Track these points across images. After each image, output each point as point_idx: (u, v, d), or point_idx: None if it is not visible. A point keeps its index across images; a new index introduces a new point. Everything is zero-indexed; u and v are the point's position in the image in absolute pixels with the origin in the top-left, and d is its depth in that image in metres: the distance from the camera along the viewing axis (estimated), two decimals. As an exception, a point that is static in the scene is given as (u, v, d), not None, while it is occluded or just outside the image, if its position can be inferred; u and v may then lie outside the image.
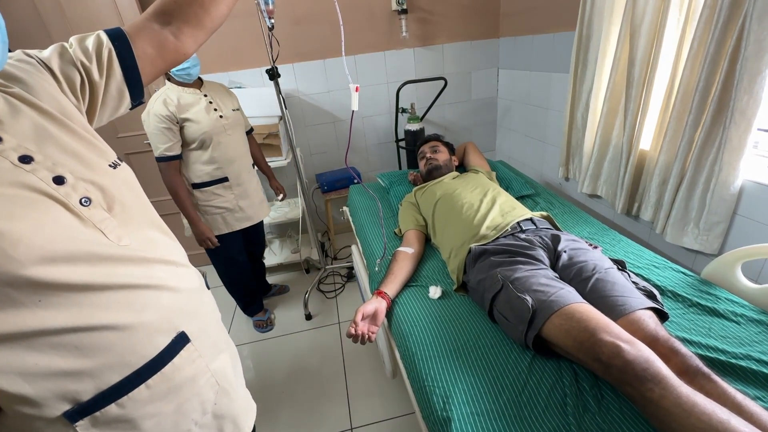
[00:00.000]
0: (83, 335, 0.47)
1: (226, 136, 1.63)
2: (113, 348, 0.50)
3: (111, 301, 0.50)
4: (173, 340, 0.56)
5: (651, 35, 1.41)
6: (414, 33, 2.46)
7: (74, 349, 0.47)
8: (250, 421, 0.74)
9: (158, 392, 0.55)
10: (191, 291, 0.63)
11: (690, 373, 0.79)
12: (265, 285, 2.30)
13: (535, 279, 1.03)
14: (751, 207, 1.24)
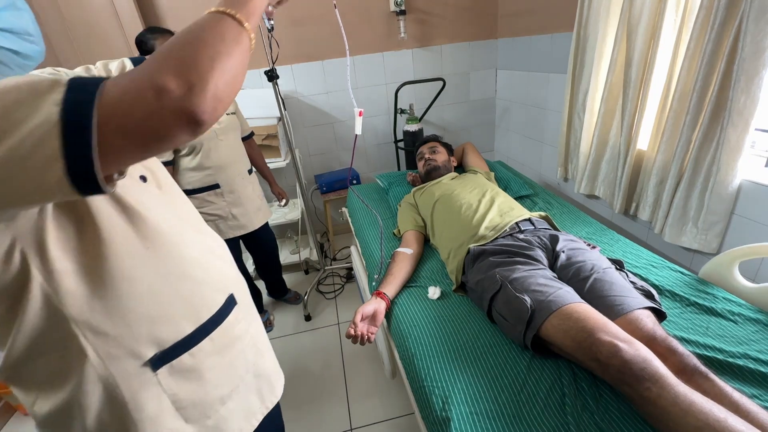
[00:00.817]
0: (173, 282, 0.57)
1: (217, 141, 1.60)
2: (190, 298, 0.59)
3: (191, 256, 0.61)
4: (227, 299, 0.66)
5: (648, 36, 1.42)
6: (412, 34, 2.46)
7: (162, 297, 0.56)
8: (280, 385, 0.81)
9: (217, 346, 0.63)
10: (231, 262, 0.73)
11: (687, 372, 0.79)
12: (282, 287, 2.23)
13: (534, 279, 1.04)
14: (748, 206, 1.25)
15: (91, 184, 0.38)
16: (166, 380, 0.57)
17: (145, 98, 0.36)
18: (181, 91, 0.37)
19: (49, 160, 0.35)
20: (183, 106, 0.37)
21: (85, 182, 0.37)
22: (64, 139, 0.35)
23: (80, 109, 0.35)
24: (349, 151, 2.74)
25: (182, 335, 0.59)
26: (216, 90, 0.38)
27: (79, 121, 0.35)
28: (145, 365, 0.55)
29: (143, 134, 0.38)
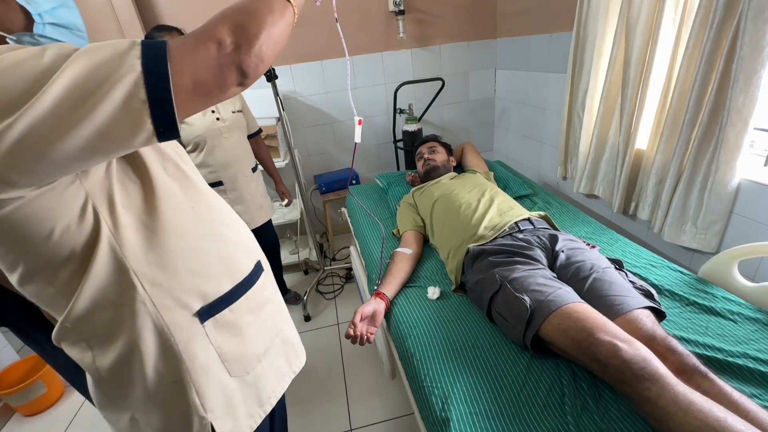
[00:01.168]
0: (213, 241, 0.63)
1: (222, 139, 1.61)
2: (227, 258, 0.65)
3: (225, 220, 0.67)
4: (256, 264, 0.71)
5: (646, 35, 1.42)
6: (411, 34, 2.46)
7: (204, 254, 0.61)
8: (303, 353, 0.85)
9: (252, 306, 0.68)
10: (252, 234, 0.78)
11: (687, 372, 0.79)
12: (282, 287, 2.23)
13: (533, 279, 1.03)
14: (747, 205, 1.25)
15: (169, 129, 0.44)
16: (212, 333, 0.62)
17: (208, 50, 0.44)
18: (232, 48, 0.44)
19: (139, 106, 0.41)
20: (234, 60, 0.45)
21: (165, 126, 0.43)
22: (147, 87, 0.41)
23: (158, 61, 0.42)
24: (348, 152, 2.74)
25: (222, 291, 0.64)
26: (259, 51, 0.46)
27: (158, 71, 0.41)
28: (194, 316, 0.60)
29: (206, 82, 0.45)
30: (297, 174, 2.02)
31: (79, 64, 0.39)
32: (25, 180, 0.42)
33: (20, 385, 1.63)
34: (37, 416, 1.73)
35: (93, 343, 0.56)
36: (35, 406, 1.71)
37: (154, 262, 0.55)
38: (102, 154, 0.44)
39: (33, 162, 0.40)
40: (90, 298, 0.52)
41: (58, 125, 0.39)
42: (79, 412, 1.73)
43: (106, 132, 0.41)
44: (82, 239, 0.50)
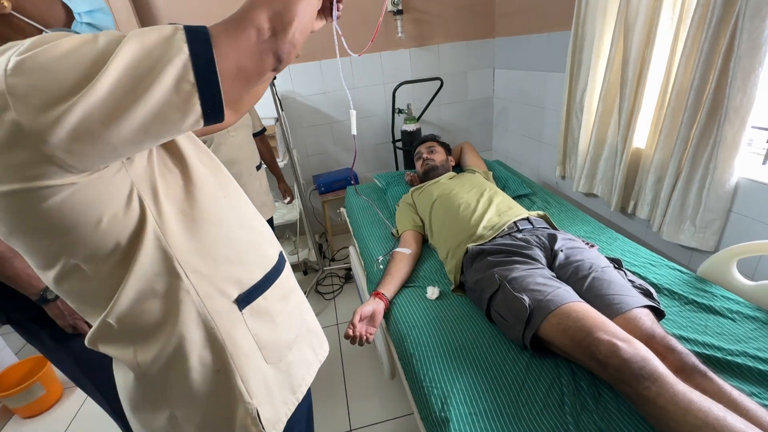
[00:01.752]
0: (244, 230, 0.64)
1: (228, 137, 1.62)
2: (256, 247, 0.66)
3: (250, 211, 0.68)
4: (279, 254, 0.72)
5: (644, 34, 1.42)
6: (410, 33, 2.46)
7: (238, 243, 0.62)
8: (326, 344, 0.85)
9: (281, 293, 0.70)
10: None
11: (686, 371, 0.79)
12: None
13: (532, 278, 1.03)
14: (746, 204, 1.25)
15: (216, 111, 0.45)
16: (250, 320, 0.63)
17: (249, 36, 0.45)
18: (269, 34, 0.46)
19: (189, 88, 0.42)
20: (271, 46, 0.46)
21: (212, 108, 0.44)
22: (195, 69, 0.42)
23: (203, 45, 0.42)
24: (346, 151, 2.73)
25: (256, 279, 0.65)
26: (293, 38, 0.48)
27: (204, 55, 0.42)
28: (233, 304, 0.61)
29: (247, 67, 0.46)
30: (296, 174, 2.02)
31: (130, 48, 0.40)
32: (81, 165, 0.42)
33: (19, 387, 1.62)
34: (35, 418, 1.73)
35: (136, 338, 0.56)
36: (34, 408, 1.71)
37: (194, 250, 0.56)
38: (153, 138, 0.45)
39: (89, 146, 0.40)
40: (136, 289, 0.52)
41: (115, 108, 0.39)
42: (77, 414, 1.72)
43: (158, 114, 0.42)
44: (128, 228, 0.50)
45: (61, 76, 0.38)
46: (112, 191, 0.48)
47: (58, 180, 0.42)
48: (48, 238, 0.47)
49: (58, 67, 0.38)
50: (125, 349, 0.56)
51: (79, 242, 0.47)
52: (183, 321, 0.56)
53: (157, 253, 0.52)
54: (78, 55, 0.39)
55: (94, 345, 0.57)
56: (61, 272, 0.50)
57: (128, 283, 0.51)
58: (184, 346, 0.57)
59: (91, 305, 0.54)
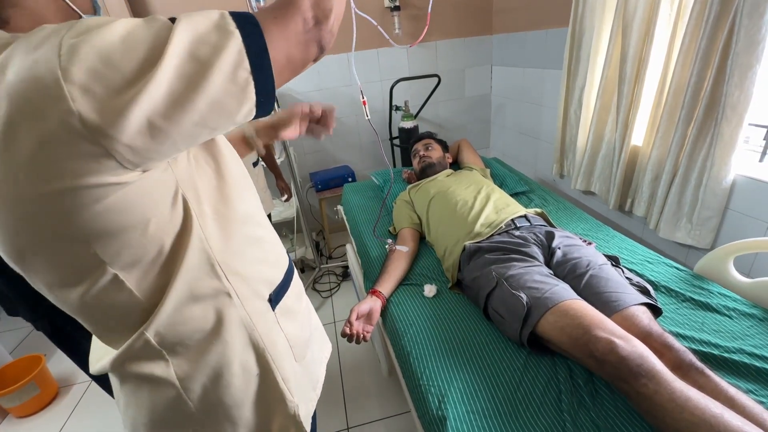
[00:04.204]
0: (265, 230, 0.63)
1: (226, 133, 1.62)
2: (274, 248, 0.65)
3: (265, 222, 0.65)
4: (290, 260, 0.72)
5: (642, 31, 1.41)
6: (407, 30, 2.44)
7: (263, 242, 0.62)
8: (328, 342, 0.85)
9: (296, 291, 0.70)
10: None
11: (683, 368, 0.79)
12: None
13: (530, 276, 1.03)
14: (742, 201, 1.25)
15: (267, 101, 0.44)
16: (281, 319, 0.63)
17: (297, 25, 0.44)
18: (313, 23, 0.45)
19: (246, 76, 0.40)
20: (315, 36, 0.46)
21: (264, 97, 0.43)
22: (249, 56, 0.40)
23: (254, 31, 0.41)
24: (344, 150, 2.72)
25: (280, 278, 0.64)
26: (332, 27, 0.48)
27: (257, 41, 0.41)
28: (267, 303, 0.60)
29: (294, 56, 0.45)
30: (292, 171, 2.01)
31: (184, 33, 0.37)
32: (140, 160, 0.39)
33: (13, 387, 1.61)
34: (30, 417, 1.71)
35: (178, 350, 0.52)
36: (28, 407, 1.70)
37: (230, 251, 0.54)
38: (209, 130, 0.42)
39: (151, 140, 0.37)
40: (180, 296, 0.49)
41: (177, 98, 0.37)
42: (72, 413, 1.71)
43: (217, 103, 0.39)
44: (174, 230, 0.47)
45: (121, 64, 0.35)
46: (161, 191, 0.45)
47: (114, 177, 0.38)
48: (91, 244, 0.42)
49: (117, 52, 0.35)
50: (161, 365, 0.52)
51: (125, 247, 0.44)
52: (226, 326, 0.53)
53: (201, 256, 0.50)
54: (134, 41, 0.36)
55: (119, 367, 0.51)
56: (93, 287, 0.45)
57: (173, 290, 0.48)
58: (227, 352, 0.54)
59: (121, 323, 0.49)
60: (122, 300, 0.47)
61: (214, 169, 0.53)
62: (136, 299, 0.47)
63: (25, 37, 0.36)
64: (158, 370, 0.52)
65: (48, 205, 0.38)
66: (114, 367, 0.52)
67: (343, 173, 2.49)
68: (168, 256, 0.47)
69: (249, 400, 0.59)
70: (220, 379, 0.55)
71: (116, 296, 0.46)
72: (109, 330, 0.51)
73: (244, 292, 0.55)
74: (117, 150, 0.36)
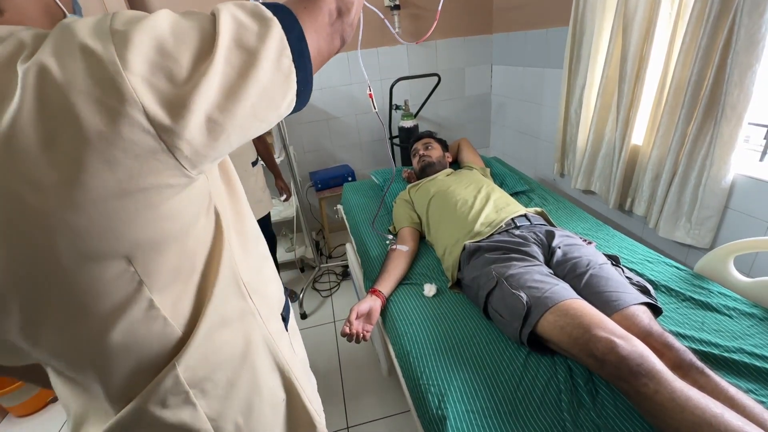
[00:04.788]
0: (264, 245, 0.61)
1: None
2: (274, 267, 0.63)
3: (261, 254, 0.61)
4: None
5: (643, 30, 1.41)
6: (407, 29, 2.44)
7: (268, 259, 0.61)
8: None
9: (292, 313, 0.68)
10: None
11: (684, 368, 0.79)
12: None
13: (530, 275, 1.03)
14: (742, 201, 1.25)
15: (306, 90, 0.43)
16: (293, 339, 0.62)
17: (324, 16, 0.44)
18: (336, 15, 0.45)
19: (288, 63, 0.39)
20: (338, 28, 0.46)
21: (304, 86, 0.42)
22: (290, 43, 0.39)
23: (290, 18, 0.40)
24: (344, 149, 2.72)
25: (284, 297, 0.64)
26: (353, 20, 0.48)
27: (294, 28, 0.40)
28: (282, 323, 0.59)
29: (323, 47, 0.45)
30: (292, 171, 2.00)
31: (228, 23, 0.36)
32: (197, 158, 0.36)
33: (13, 386, 1.61)
34: (30, 417, 1.71)
35: (206, 389, 0.45)
36: (28, 406, 1.70)
37: (250, 268, 0.51)
38: (258, 123, 0.40)
39: (208, 135, 0.35)
40: (212, 321, 0.44)
41: (230, 89, 0.35)
42: (73, 413, 1.71)
43: (265, 92, 0.38)
44: (207, 245, 0.43)
45: (177, 54, 0.33)
46: (200, 200, 0.41)
47: (172, 179, 0.35)
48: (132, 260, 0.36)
49: (170, 43, 0.33)
50: (189, 410, 0.45)
51: (165, 263, 0.39)
52: (253, 349, 0.50)
53: (231, 274, 0.46)
54: (183, 32, 0.34)
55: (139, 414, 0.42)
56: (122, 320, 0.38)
57: (206, 314, 0.43)
58: (256, 379, 0.51)
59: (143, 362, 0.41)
60: (151, 332, 0.40)
61: (225, 183, 0.51)
62: (166, 328, 0.41)
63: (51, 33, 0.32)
64: (186, 416, 0.45)
65: (96, 212, 0.32)
66: (133, 415, 0.42)
67: (343, 172, 2.49)
68: (202, 274, 0.44)
69: (279, 427, 0.56)
70: (251, 410, 0.51)
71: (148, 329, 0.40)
72: (123, 377, 0.42)
73: (265, 311, 0.53)
74: (178, 146, 0.33)
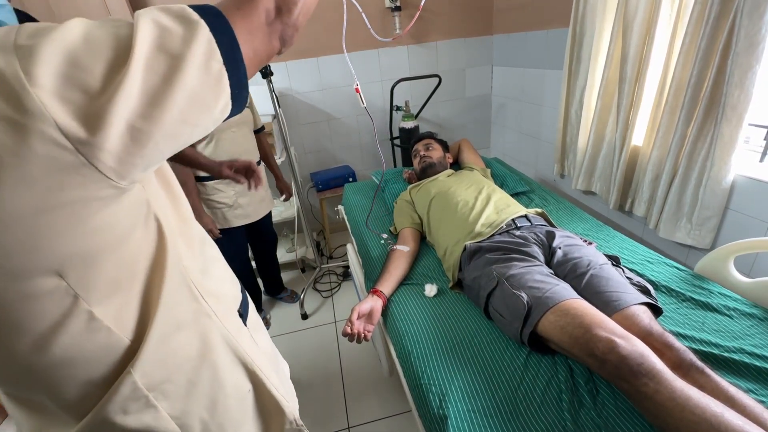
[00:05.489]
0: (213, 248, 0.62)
1: (230, 132, 1.66)
2: (227, 268, 0.65)
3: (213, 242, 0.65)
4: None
5: (643, 32, 1.42)
6: (408, 30, 2.45)
7: (218, 261, 0.62)
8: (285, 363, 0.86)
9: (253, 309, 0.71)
10: None
11: (684, 368, 0.79)
12: (278, 285, 2.28)
13: (530, 276, 1.03)
14: (742, 201, 1.25)
15: (242, 93, 0.42)
16: (254, 333, 0.64)
17: (260, 17, 0.42)
18: (275, 14, 0.43)
19: (219, 66, 0.38)
20: (276, 29, 0.44)
21: (239, 89, 0.41)
22: (220, 46, 0.37)
23: (220, 23, 0.38)
24: (345, 149, 2.73)
25: (240, 295, 0.65)
26: (296, 20, 0.45)
27: (224, 31, 0.38)
28: (239, 319, 0.60)
29: (259, 49, 0.43)
30: (293, 171, 2.01)
31: (147, 28, 0.34)
32: (123, 168, 0.35)
33: None
34: None
35: (167, 390, 0.47)
36: None
37: (200, 271, 0.53)
38: (190, 128, 0.39)
39: (133, 144, 0.34)
40: (164, 326, 0.45)
41: (153, 96, 0.34)
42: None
43: (195, 96, 0.37)
44: (150, 253, 0.44)
45: (89, 64, 0.32)
46: (136, 209, 0.42)
47: (98, 191, 0.35)
48: (63, 275, 0.36)
49: (82, 53, 0.32)
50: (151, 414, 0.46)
51: (101, 277, 0.39)
52: (212, 347, 0.52)
53: (179, 278, 0.48)
54: (96, 40, 0.33)
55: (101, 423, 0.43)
56: (59, 335, 0.38)
57: (156, 320, 0.44)
58: (218, 375, 0.53)
59: (93, 373, 0.42)
60: (94, 344, 0.40)
61: (165, 189, 0.51)
62: (112, 339, 0.41)
63: None
64: (149, 419, 0.46)
65: (19, 229, 0.32)
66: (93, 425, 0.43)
67: (344, 173, 2.49)
68: (146, 282, 0.44)
69: (248, 416, 0.58)
70: (216, 405, 0.53)
71: (85, 340, 0.40)
72: (69, 393, 0.42)
73: (220, 310, 0.55)
74: (100, 158, 0.33)
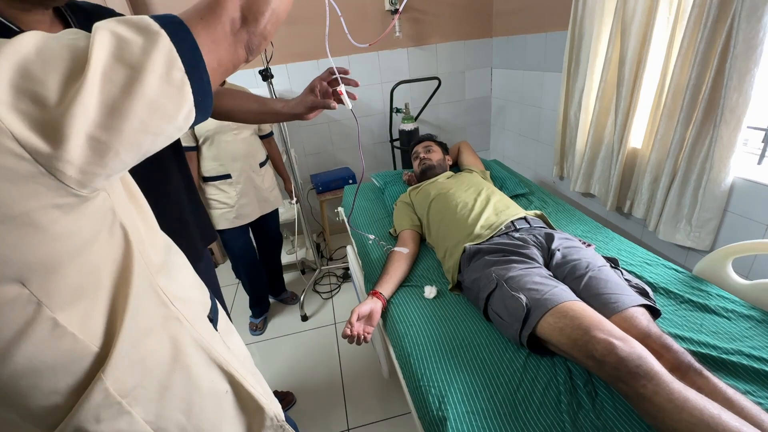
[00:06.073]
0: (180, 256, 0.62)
1: (232, 135, 1.70)
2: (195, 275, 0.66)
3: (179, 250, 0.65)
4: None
5: (641, 34, 1.42)
6: (407, 33, 2.46)
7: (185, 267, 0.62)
8: None
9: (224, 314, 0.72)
10: None
11: (682, 369, 0.80)
12: (280, 286, 2.28)
13: (529, 278, 1.04)
14: (741, 204, 1.26)
15: (206, 101, 0.42)
16: (225, 338, 0.64)
17: (224, 26, 0.42)
18: (240, 24, 0.44)
19: (180, 75, 0.38)
20: (242, 38, 0.44)
21: (202, 96, 0.41)
22: (181, 55, 0.38)
23: (180, 29, 0.39)
24: (345, 151, 2.73)
25: (210, 301, 0.65)
26: (264, 30, 0.46)
27: (186, 39, 0.39)
28: (210, 324, 0.61)
29: (223, 58, 0.43)
30: (293, 173, 2.02)
31: (105, 39, 0.35)
32: (84, 178, 0.35)
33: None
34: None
35: (139, 395, 0.47)
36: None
37: (168, 277, 0.54)
38: (152, 137, 0.39)
39: (92, 154, 0.34)
40: (132, 333, 0.45)
41: (112, 107, 0.34)
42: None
43: (156, 105, 0.37)
44: (116, 261, 0.44)
45: (43, 76, 0.32)
46: (99, 217, 0.42)
47: (58, 199, 0.35)
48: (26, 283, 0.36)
49: (35, 66, 0.32)
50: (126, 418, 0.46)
51: (65, 284, 0.39)
52: (183, 350, 0.52)
53: (146, 285, 0.48)
54: (50, 52, 0.33)
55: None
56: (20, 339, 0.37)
57: (124, 328, 0.44)
58: (191, 378, 0.53)
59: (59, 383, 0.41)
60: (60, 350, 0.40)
61: (129, 198, 0.51)
62: (77, 345, 0.41)
63: None
64: (124, 425, 0.46)
65: None
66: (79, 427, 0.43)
67: (344, 175, 2.50)
68: (113, 288, 0.44)
69: (228, 417, 0.59)
70: (192, 407, 0.53)
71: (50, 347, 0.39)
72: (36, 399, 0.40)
73: (189, 315, 0.55)
74: (59, 169, 0.33)
